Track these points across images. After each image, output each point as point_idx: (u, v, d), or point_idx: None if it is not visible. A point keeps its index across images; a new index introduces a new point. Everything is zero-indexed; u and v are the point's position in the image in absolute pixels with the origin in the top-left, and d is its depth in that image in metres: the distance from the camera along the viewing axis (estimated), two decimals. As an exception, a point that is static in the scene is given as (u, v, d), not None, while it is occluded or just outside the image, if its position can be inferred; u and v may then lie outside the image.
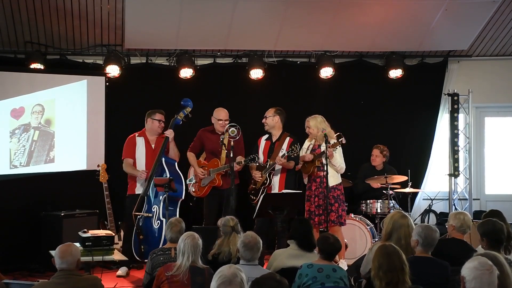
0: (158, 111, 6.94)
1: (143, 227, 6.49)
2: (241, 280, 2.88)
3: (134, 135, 6.95)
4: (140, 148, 6.88)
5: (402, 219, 4.60)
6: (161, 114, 6.93)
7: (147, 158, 6.82)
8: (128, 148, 6.91)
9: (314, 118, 6.89)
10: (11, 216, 7.02)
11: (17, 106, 7.29)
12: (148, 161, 6.80)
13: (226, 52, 8.38)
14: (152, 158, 6.74)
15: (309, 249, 4.74)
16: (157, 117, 6.89)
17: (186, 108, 6.84)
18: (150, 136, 6.92)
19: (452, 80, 8.70)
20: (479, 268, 3.12)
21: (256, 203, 6.50)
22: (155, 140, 6.91)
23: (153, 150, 6.84)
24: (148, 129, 6.93)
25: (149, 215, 6.50)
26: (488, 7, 7.67)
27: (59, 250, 4.01)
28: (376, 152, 8.00)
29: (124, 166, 6.88)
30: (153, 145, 6.89)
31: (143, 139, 6.92)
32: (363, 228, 7.20)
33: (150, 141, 6.91)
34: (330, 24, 7.82)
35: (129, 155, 6.88)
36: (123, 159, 6.91)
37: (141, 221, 6.52)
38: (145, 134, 6.94)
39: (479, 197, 8.99)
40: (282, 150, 6.92)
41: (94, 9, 7.36)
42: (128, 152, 6.90)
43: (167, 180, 6.33)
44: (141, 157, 6.85)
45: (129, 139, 6.96)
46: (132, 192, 6.81)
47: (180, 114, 6.82)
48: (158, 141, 6.88)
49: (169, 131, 6.76)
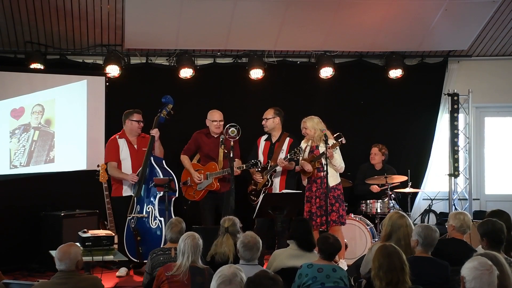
0: (135, 111, 6.92)
1: (138, 228, 6.48)
2: (241, 279, 2.89)
3: (115, 137, 6.92)
4: (123, 150, 6.86)
5: (401, 219, 4.60)
6: (139, 114, 6.90)
7: (133, 159, 6.81)
8: (111, 151, 6.89)
9: (310, 119, 6.86)
10: (11, 216, 7.01)
11: (17, 106, 7.29)
12: (134, 162, 6.78)
13: (226, 52, 8.38)
14: (137, 159, 6.74)
15: (309, 249, 4.74)
16: (135, 118, 6.88)
17: (167, 105, 6.81)
18: (131, 137, 6.90)
19: (452, 80, 8.70)
20: (478, 268, 3.12)
21: (257, 204, 6.50)
22: (136, 140, 6.90)
23: (137, 151, 6.83)
24: (128, 130, 6.91)
25: (144, 216, 6.48)
26: (488, 7, 7.67)
27: (59, 251, 4.01)
28: (375, 150, 8.01)
29: (109, 170, 6.84)
30: (136, 146, 6.88)
31: (125, 141, 6.89)
32: (363, 228, 7.20)
33: (132, 141, 6.89)
34: (330, 24, 7.82)
35: (113, 158, 6.85)
36: (106, 163, 6.87)
37: (133, 222, 6.52)
38: (125, 135, 6.91)
39: (479, 197, 8.99)
40: (282, 151, 6.91)
41: (94, 9, 7.36)
42: (112, 155, 6.87)
43: (167, 180, 6.33)
44: (126, 158, 6.83)
45: (110, 141, 6.93)
46: (119, 195, 6.79)
47: (163, 112, 6.78)
48: (139, 141, 6.88)
49: (154, 131, 6.72)
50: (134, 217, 6.53)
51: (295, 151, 6.69)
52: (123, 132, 6.94)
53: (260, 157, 7.05)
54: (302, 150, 6.78)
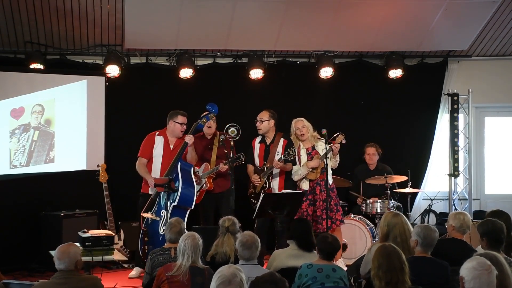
0: (181, 114, 6.82)
1: (149, 228, 6.39)
2: (240, 280, 2.89)
3: (154, 133, 6.86)
4: (158, 148, 6.79)
5: (395, 218, 4.63)
6: (184, 116, 6.81)
7: (164, 158, 6.72)
8: (146, 147, 6.82)
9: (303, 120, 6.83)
10: (11, 216, 7.01)
11: (17, 106, 7.29)
12: (164, 161, 6.69)
13: (226, 52, 8.38)
14: (168, 160, 6.63)
15: (308, 249, 4.75)
16: (179, 120, 6.78)
17: (210, 114, 6.72)
18: (170, 137, 6.83)
19: (452, 80, 8.70)
20: (477, 268, 3.12)
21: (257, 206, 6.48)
22: (175, 141, 6.82)
23: (171, 151, 6.74)
24: (170, 131, 6.82)
25: (157, 218, 6.37)
26: (488, 7, 7.67)
27: (58, 251, 4.01)
28: (372, 150, 7.98)
29: (137, 165, 6.79)
30: (172, 146, 6.79)
31: (162, 139, 6.82)
32: (363, 228, 7.20)
33: (170, 141, 6.81)
34: (330, 24, 7.82)
35: (145, 154, 6.80)
36: (138, 157, 6.82)
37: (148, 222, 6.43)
38: (166, 134, 6.84)
39: (479, 197, 8.98)
40: (277, 153, 6.90)
41: (94, 9, 7.36)
42: (145, 151, 6.81)
43: (166, 180, 6.28)
44: (158, 156, 6.76)
45: (148, 137, 6.87)
46: (146, 191, 6.72)
47: (203, 120, 6.70)
48: (177, 143, 6.78)
49: (188, 137, 6.60)
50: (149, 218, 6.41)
51: (289, 152, 6.67)
52: (165, 130, 6.86)
53: (256, 160, 7.04)
54: (296, 150, 6.74)
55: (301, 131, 6.83)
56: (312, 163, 6.74)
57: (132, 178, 7.07)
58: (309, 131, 6.84)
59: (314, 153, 6.80)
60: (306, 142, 6.86)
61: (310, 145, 6.85)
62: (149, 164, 6.78)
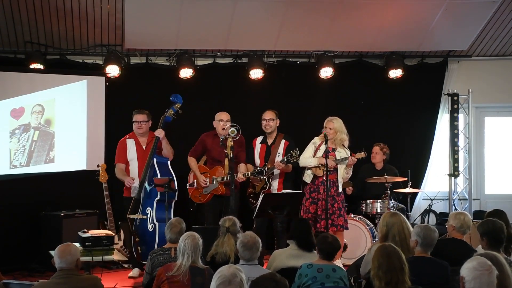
0: (136, 112, 6.85)
1: (139, 228, 6.45)
2: (240, 280, 2.88)
3: (125, 138, 6.90)
4: (131, 151, 6.83)
5: (393, 217, 4.64)
6: (139, 114, 6.81)
7: (139, 160, 6.76)
8: (119, 153, 6.88)
9: (337, 120, 6.77)
10: (11, 216, 7.01)
11: (17, 106, 7.29)
12: (140, 162, 6.74)
13: (226, 52, 8.38)
14: (144, 160, 6.67)
15: (308, 249, 4.74)
16: (133, 118, 6.83)
17: (175, 104, 6.70)
18: (140, 137, 6.86)
19: (452, 80, 8.70)
20: (478, 268, 3.12)
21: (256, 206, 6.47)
22: (146, 140, 6.84)
23: (144, 151, 6.77)
24: (134, 131, 6.89)
25: (144, 217, 6.43)
26: (488, 7, 7.67)
27: (59, 250, 4.01)
28: (376, 149, 7.99)
29: (116, 172, 6.86)
30: (144, 146, 6.82)
31: (133, 141, 6.86)
32: (363, 228, 7.20)
33: (141, 142, 6.85)
34: (330, 24, 7.82)
35: (120, 160, 6.85)
36: (115, 164, 6.88)
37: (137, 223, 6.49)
38: (135, 135, 6.89)
39: (479, 197, 8.98)
40: (279, 154, 6.89)
41: (94, 9, 7.36)
42: (119, 157, 6.87)
43: (166, 180, 6.28)
44: (133, 159, 6.81)
45: (120, 143, 6.92)
46: (128, 195, 6.77)
47: (169, 112, 6.68)
48: (149, 142, 6.81)
49: (158, 131, 6.64)
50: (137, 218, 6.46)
51: (291, 154, 6.65)
52: (133, 132, 6.91)
53: (257, 160, 7.04)
54: (298, 153, 6.72)
55: (328, 132, 6.74)
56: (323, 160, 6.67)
57: (132, 178, 7.08)
58: (338, 135, 6.76)
59: (331, 155, 6.76)
60: (331, 141, 6.80)
61: (332, 146, 6.80)
62: (127, 169, 6.83)
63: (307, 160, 6.77)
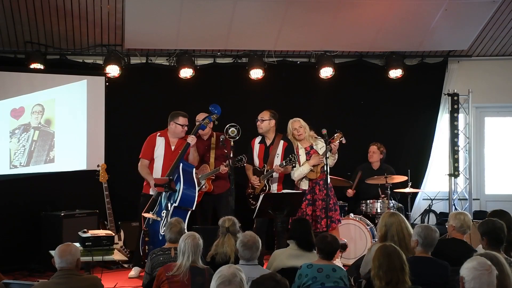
0: (182, 115, 6.77)
1: (150, 228, 6.36)
2: (240, 280, 2.88)
3: (155, 135, 6.82)
4: (159, 149, 6.75)
5: (392, 217, 4.66)
6: (184, 117, 6.76)
7: (165, 159, 6.68)
8: (147, 148, 6.78)
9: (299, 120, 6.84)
10: (11, 216, 7.01)
11: (17, 106, 7.29)
12: (165, 162, 6.65)
13: (226, 52, 8.38)
14: (170, 160, 6.59)
15: (308, 249, 4.74)
16: (180, 122, 6.73)
17: (213, 115, 6.68)
18: (172, 138, 6.78)
19: (452, 80, 8.70)
20: (478, 268, 3.12)
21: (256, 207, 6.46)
22: (176, 142, 6.77)
23: (172, 152, 6.70)
24: (171, 132, 6.78)
25: (158, 219, 6.34)
26: (488, 7, 7.67)
27: (59, 250, 4.02)
28: (373, 148, 8.00)
29: (139, 166, 6.75)
30: (173, 147, 6.74)
31: (163, 140, 6.78)
32: (363, 228, 7.20)
33: (171, 142, 6.77)
34: (330, 24, 7.82)
35: (146, 156, 6.76)
36: (139, 158, 6.80)
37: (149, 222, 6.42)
38: (167, 134, 6.80)
39: (479, 197, 8.98)
40: (277, 155, 6.88)
41: (94, 9, 7.36)
42: (146, 152, 6.77)
43: (166, 180, 6.25)
44: (159, 157, 6.73)
45: (149, 138, 6.83)
46: (147, 192, 6.70)
47: (205, 121, 6.64)
48: (179, 144, 6.73)
49: (191, 138, 6.56)
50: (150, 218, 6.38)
51: (290, 158, 6.63)
52: (166, 131, 6.82)
53: (256, 161, 7.02)
54: (296, 156, 6.73)
55: (299, 131, 6.84)
56: (313, 161, 6.75)
57: (132, 178, 7.09)
58: (306, 131, 6.84)
59: (313, 152, 6.80)
60: (304, 141, 6.88)
61: (308, 145, 6.87)
62: (151, 165, 6.75)
63: (299, 171, 6.80)
